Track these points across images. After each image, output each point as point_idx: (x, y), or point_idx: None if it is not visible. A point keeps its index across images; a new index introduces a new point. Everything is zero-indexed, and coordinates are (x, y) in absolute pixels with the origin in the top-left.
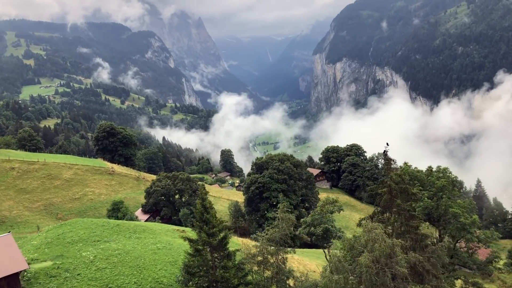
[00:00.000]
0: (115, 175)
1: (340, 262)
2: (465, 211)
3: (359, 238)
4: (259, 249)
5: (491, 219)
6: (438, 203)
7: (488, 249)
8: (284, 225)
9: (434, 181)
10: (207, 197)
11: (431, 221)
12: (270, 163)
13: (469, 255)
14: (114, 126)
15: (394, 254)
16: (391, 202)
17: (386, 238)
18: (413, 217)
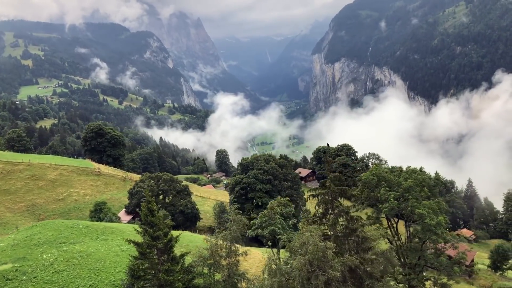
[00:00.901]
0: (101, 176)
1: (275, 266)
2: (431, 212)
3: (296, 241)
4: (210, 252)
5: (482, 219)
6: (405, 204)
7: (473, 250)
8: (235, 227)
9: (401, 182)
10: (153, 200)
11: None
12: (255, 163)
13: (435, 256)
14: (103, 126)
15: (325, 257)
16: (331, 204)
17: (318, 241)
18: (353, 219)
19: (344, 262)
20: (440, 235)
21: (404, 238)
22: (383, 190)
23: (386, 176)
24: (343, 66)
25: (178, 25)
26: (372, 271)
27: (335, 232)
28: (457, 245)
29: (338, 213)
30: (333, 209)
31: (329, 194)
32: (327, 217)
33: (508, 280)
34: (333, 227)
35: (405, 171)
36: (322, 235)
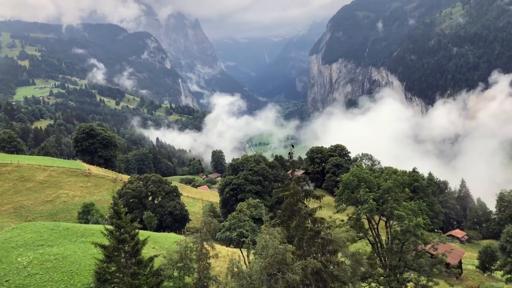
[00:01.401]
0: (92, 177)
1: (237, 269)
2: (410, 213)
3: (258, 244)
4: (179, 255)
5: (475, 219)
6: (384, 205)
7: (461, 250)
8: (205, 229)
9: (381, 183)
10: (119, 202)
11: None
12: (245, 164)
13: (415, 258)
14: (94, 127)
15: (285, 260)
16: (295, 206)
17: (278, 244)
18: (316, 221)
19: (306, 265)
20: (419, 237)
21: (385, 239)
22: (363, 191)
23: (366, 177)
24: (341, 66)
25: (176, 25)
26: (339, 273)
27: (298, 234)
28: (437, 246)
29: (302, 215)
30: (297, 211)
31: (293, 196)
32: (293, 219)
33: (496, 281)
34: (297, 229)
35: (386, 172)
36: (286, 237)
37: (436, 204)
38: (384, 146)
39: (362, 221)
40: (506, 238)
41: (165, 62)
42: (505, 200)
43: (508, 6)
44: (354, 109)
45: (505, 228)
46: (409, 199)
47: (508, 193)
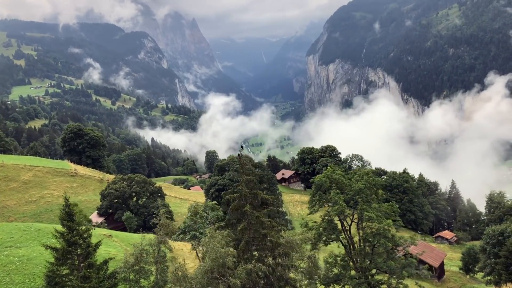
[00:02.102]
0: (78, 177)
1: (181, 273)
2: (380, 215)
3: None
4: (135, 257)
5: (465, 220)
6: (355, 207)
7: (441, 252)
8: (162, 231)
9: (352, 184)
10: (70, 203)
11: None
12: (231, 165)
13: (386, 260)
14: (82, 127)
15: (224, 264)
16: (243, 208)
17: (219, 248)
18: (263, 224)
19: (249, 268)
20: (389, 239)
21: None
22: (333, 192)
23: (337, 179)
24: (337, 67)
25: (173, 25)
26: (288, 276)
27: (246, 237)
28: (408, 248)
29: (249, 218)
30: (245, 214)
31: (241, 199)
32: (241, 222)
33: (478, 283)
34: (243, 233)
35: (358, 173)
36: (234, 240)
37: (426, 205)
38: (378, 147)
39: (336, 222)
40: (486, 240)
41: (162, 62)
42: (495, 201)
43: (504, 7)
44: (348, 110)
45: (486, 229)
46: (384, 200)
47: (498, 194)
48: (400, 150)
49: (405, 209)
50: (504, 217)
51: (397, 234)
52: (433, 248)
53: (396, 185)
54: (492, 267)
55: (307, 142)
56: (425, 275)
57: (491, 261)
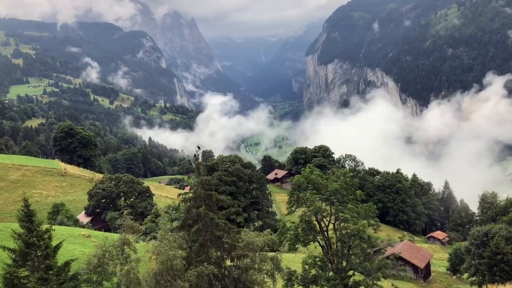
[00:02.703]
0: (68, 177)
1: (133, 275)
2: (355, 216)
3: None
4: (98, 259)
5: (458, 221)
6: (331, 207)
7: (427, 253)
8: (125, 233)
9: (328, 185)
10: (29, 204)
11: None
12: (220, 165)
13: (363, 261)
14: (73, 126)
15: (173, 267)
16: (197, 209)
17: (168, 250)
18: (218, 225)
19: (201, 271)
20: (365, 240)
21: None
22: (309, 193)
23: (314, 179)
24: (336, 67)
25: (172, 25)
26: (247, 279)
27: (200, 239)
28: (384, 250)
29: (204, 219)
30: (199, 216)
31: (195, 200)
32: (199, 224)
33: (464, 284)
34: (197, 234)
35: (336, 174)
36: (189, 242)
37: (418, 206)
38: (374, 147)
39: (314, 223)
40: (471, 240)
41: (161, 62)
42: (487, 202)
43: (503, 8)
44: (348, 110)
45: (470, 230)
46: (362, 201)
47: (490, 194)
48: (396, 150)
49: (398, 209)
50: (497, 218)
51: (375, 235)
52: (419, 249)
53: (388, 185)
54: (476, 268)
55: (305, 142)
56: (401, 276)
57: (475, 262)
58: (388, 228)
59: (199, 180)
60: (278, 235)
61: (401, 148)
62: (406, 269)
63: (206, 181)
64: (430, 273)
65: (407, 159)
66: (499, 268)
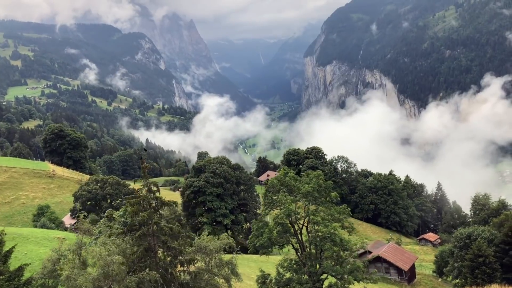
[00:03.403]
0: (56, 179)
1: (73, 281)
2: (327, 218)
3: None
4: (52, 263)
5: (451, 222)
6: (305, 209)
7: (412, 255)
8: (81, 237)
9: (300, 187)
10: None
11: None
12: (208, 166)
13: (333, 265)
14: (63, 128)
15: (107, 273)
16: (141, 213)
17: (105, 255)
18: (163, 230)
19: (142, 277)
20: (337, 242)
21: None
22: (282, 195)
23: (287, 181)
24: (335, 69)
25: (171, 26)
26: (195, 284)
27: (145, 244)
28: (356, 254)
29: (148, 223)
30: (143, 220)
31: (141, 203)
32: (143, 228)
33: (449, 286)
34: (141, 239)
35: (310, 176)
36: (133, 247)
37: (411, 207)
38: (370, 148)
39: (289, 226)
40: (454, 243)
41: (159, 63)
42: (480, 203)
43: (501, 9)
44: (345, 111)
45: (454, 232)
46: (335, 203)
47: (483, 196)
48: (391, 151)
49: (390, 211)
50: (489, 219)
51: (349, 238)
52: (404, 251)
53: (381, 187)
54: (459, 270)
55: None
56: (374, 280)
57: (458, 264)
58: (380, 230)
59: (144, 183)
60: (252, 238)
61: (396, 149)
62: (391, 272)
63: (152, 184)
64: (415, 275)
65: (402, 160)
66: (481, 270)
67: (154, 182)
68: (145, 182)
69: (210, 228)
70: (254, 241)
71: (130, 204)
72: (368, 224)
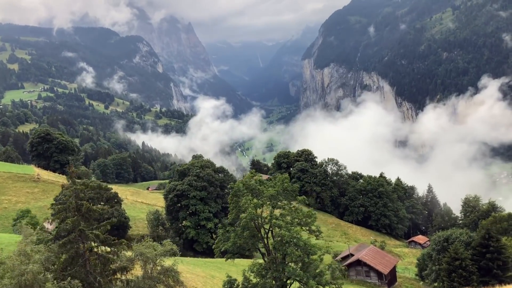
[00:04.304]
0: (41, 182)
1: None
2: (290, 222)
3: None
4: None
5: (442, 224)
6: (271, 214)
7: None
8: (24, 242)
9: (264, 191)
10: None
11: None
12: (191, 169)
13: (296, 270)
14: (50, 131)
15: (20, 283)
16: (69, 220)
17: (20, 264)
18: (88, 238)
19: (63, 286)
20: (300, 247)
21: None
22: (245, 199)
23: (251, 185)
24: (332, 71)
25: (169, 29)
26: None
27: (71, 253)
28: (321, 258)
29: (74, 231)
30: (71, 227)
31: (67, 210)
32: (72, 235)
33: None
34: (65, 247)
35: (276, 179)
36: (58, 254)
37: (401, 210)
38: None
39: (255, 230)
40: (432, 246)
41: (157, 66)
42: (470, 205)
43: (497, 11)
44: (336, 113)
45: (432, 235)
46: (306, 206)
47: (473, 198)
48: (386, 154)
49: (380, 213)
50: (479, 221)
51: (315, 242)
52: (385, 255)
53: (370, 189)
54: (437, 274)
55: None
56: (339, 284)
57: (436, 268)
58: (370, 233)
59: (72, 189)
60: (217, 243)
61: (391, 152)
62: (371, 275)
63: (79, 191)
64: (396, 279)
65: (397, 163)
66: (457, 273)
67: (80, 188)
68: (72, 189)
69: (193, 232)
70: (219, 246)
71: (55, 211)
72: (358, 226)
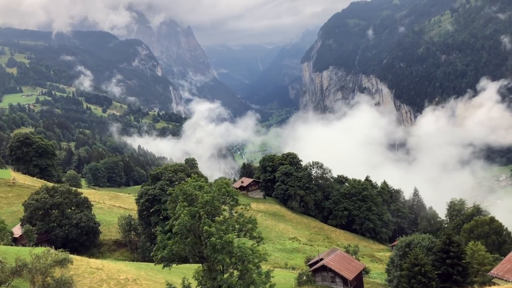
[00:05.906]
0: (16, 187)
1: None
2: (222, 229)
3: None
4: None
5: (428, 228)
6: (199, 221)
7: (359, 264)
8: None
9: (199, 196)
10: None
11: None
12: (164, 173)
13: (227, 278)
14: (30, 135)
15: None
16: None
17: None
18: None
19: None
20: (233, 254)
21: None
22: (179, 205)
23: (188, 190)
24: (331, 74)
25: (168, 33)
26: None
27: None
28: (259, 266)
29: None
30: None
31: None
32: None
33: None
34: None
35: (214, 185)
36: None
37: (385, 213)
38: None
39: (193, 237)
40: (395, 251)
41: (156, 70)
42: (455, 209)
43: (496, 13)
44: (329, 115)
45: (396, 240)
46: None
47: (458, 201)
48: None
49: (364, 217)
50: (463, 225)
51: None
52: (351, 260)
53: (354, 193)
54: (398, 280)
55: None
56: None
57: (397, 274)
58: (353, 237)
59: None
60: (155, 251)
61: (383, 154)
62: (336, 281)
63: None
64: (363, 284)
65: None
66: (417, 280)
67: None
68: None
69: None
70: (157, 254)
71: None
72: (341, 230)
